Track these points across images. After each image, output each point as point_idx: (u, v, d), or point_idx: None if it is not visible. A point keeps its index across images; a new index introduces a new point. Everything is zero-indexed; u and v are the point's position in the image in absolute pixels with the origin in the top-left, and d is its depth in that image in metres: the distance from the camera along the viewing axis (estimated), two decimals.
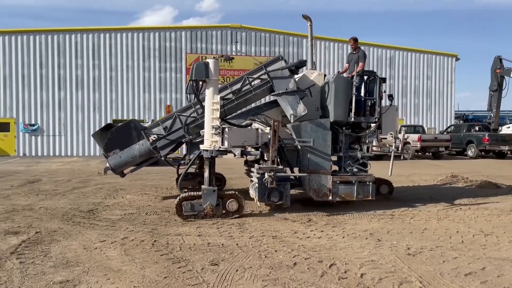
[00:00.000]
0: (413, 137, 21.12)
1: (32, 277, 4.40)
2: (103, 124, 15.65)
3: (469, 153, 22.39)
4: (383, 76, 11.09)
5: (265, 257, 5.09)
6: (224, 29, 26.10)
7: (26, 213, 7.78)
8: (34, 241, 5.82)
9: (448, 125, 27.69)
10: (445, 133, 24.36)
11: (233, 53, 25.33)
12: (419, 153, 21.78)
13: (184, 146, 9.08)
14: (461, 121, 31.92)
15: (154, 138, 8.46)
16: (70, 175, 14.18)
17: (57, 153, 24.06)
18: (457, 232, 6.43)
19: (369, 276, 4.43)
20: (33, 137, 24.02)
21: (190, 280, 4.33)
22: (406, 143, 19.71)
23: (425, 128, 25.08)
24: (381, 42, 28.95)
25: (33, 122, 24.00)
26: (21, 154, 23.83)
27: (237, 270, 4.61)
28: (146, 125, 9.49)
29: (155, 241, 5.81)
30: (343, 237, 6.09)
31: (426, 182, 12.39)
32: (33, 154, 23.97)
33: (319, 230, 6.49)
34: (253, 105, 9.11)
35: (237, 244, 5.65)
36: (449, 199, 9.27)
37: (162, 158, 8.84)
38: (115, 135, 8.63)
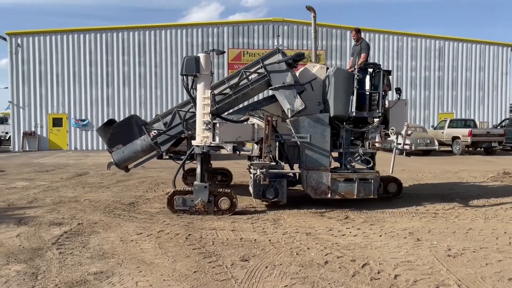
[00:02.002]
0: (463, 132, 20.12)
1: (69, 267, 4.57)
2: (148, 120, 16.24)
3: None
4: (435, 68, 10.55)
5: (297, 254, 5.00)
6: (266, 23, 26.00)
7: (72, 204, 8.12)
8: (76, 232, 6.05)
9: (502, 119, 26.16)
10: (498, 127, 23.03)
11: (275, 47, 25.17)
12: (470, 149, 20.73)
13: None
14: None
15: (155, 134, 8.48)
16: (115, 168, 14.65)
17: (105, 147, 25.02)
18: (505, 232, 6.04)
19: (404, 277, 4.24)
20: (83, 132, 25.11)
21: (219, 275, 4.34)
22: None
23: (477, 122, 23.81)
24: (430, 33, 27.79)
25: (83, 117, 25.08)
26: (72, 148, 25.00)
27: (266, 267, 4.56)
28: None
29: (189, 235, 5.88)
30: (380, 235, 5.88)
31: (475, 179, 11.76)
32: (84, 148, 25.07)
33: (355, 228, 6.31)
34: (255, 99, 8.91)
35: (269, 240, 5.60)
36: (499, 198, 8.74)
37: (164, 154, 8.87)
38: (117, 131, 8.72)
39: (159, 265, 4.64)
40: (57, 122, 24.99)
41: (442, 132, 21.23)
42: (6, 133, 29.47)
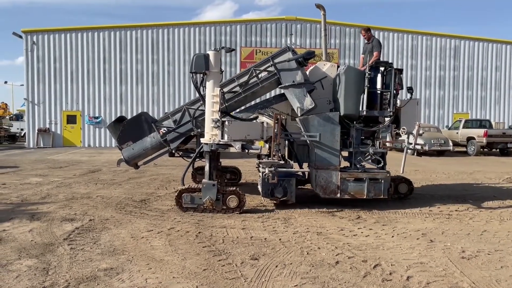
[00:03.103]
0: (478, 132, 19.81)
1: (79, 263, 4.58)
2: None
3: None
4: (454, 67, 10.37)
5: (307, 253, 4.95)
6: (279, 22, 25.92)
7: (84, 201, 8.18)
8: (87, 228, 6.09)
9: None
10: None
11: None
12: (485, 149, 20.41)
13: None
14: None
15: (164, 131, 8.46)
16: (125, 165, 14.76)
17: (115, 144, 25.23)
18: None
19: (416, 279, 4.16)
20: (96, 129, 25.37)
21: (229, 273, 4.31)
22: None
23: (492, 123, 23.41)
24: (445, 32, 27.41)
25: (97, 114, 25.33)
26: (86, 145, 25.26)
27: (276, 266, 4.52)
28: None
29: (199, 232, 5.86)
30: (392, 236, 5.80)
31: (490, 180, 11.56)
32: (97, 145, 25.32)
33: (367, 228, 6.23)
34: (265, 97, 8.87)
35: (280, 239, 5.56)
36: None
37: (173, 151, 8.87)
38: (127, 128, 8.73)
39: (169, 262, 4.63)
40: (71, 119, 25.30)
41: (457, 133, 20.94)
42: (21, 129, 29.91)
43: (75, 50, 25.10)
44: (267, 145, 8.88)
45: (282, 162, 7.50)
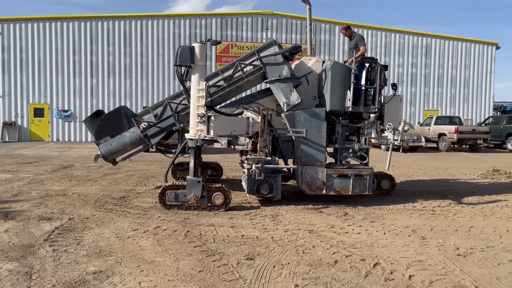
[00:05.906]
0: (449, 129, 20.32)
1: (65, 266, 4.30)
2: (134, 111, 16.00)
3: (509, 146, 21.38)
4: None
5: (303, 252, 4.84)
6: (254, 16, 25.69)
7: (59, 198, 7.80)
8: (67, 228, 5.77)
9: (486, 116, 26.56)
10: (483, 124, 23.36)
11: (263, 41, 24.92)
12: (456, 145, 20.97)
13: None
14: (498, 113, 30.58)
15: (145, 126, 8.17)
16: (102, 161, 14.25)
17: (89, 139, 24.36)
18: (507, 231, 6.00)
19: (418, 278, 4.11)
20: (66, 122, 24.45)
21: (226, 275, 4.13)
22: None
23: (462, 120, 24.10)
24: (417, 30, 27.92)
25: (66, 108, 24.41)
26: (54, 140, 24.33)
27: (274, 266, 4.38)
28: None
29: (187, 231, 5.66)
30: (384, 233, 5.76)
31: (466, 176, 11.81)
32: (66, 139, 24.43)
33: (357, 225, 6.19)
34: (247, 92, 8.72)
35: (272, 238, 5.43)
36: (493, 195, 8.76)
37: (153, 147, 8.59)
38: (105, 122, 8.38)
39: (161, 264, 4.41)
40: (38, 113, 24.27)
41: (429, 129, 21.40)
42: None
43: (42, 40, 24.05)
44: (249, 141, 8.73)
45: (269, 158, 7.37)
